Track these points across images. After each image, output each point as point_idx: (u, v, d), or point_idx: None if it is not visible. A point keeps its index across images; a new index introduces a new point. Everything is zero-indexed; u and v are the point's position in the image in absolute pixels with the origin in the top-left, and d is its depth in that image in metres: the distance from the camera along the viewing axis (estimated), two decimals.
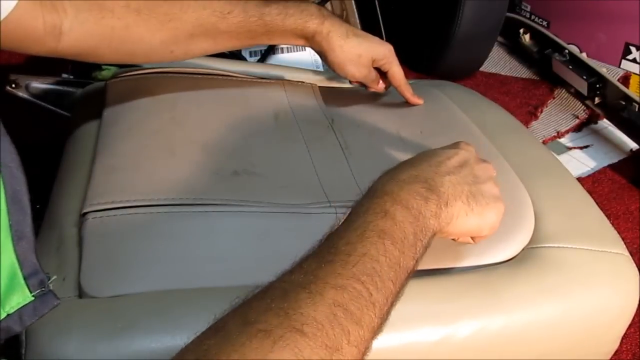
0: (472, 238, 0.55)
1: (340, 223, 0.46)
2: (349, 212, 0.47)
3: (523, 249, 0.59)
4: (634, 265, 0.60)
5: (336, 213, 0.59)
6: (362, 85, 0.84)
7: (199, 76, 0.81)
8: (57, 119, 0.95)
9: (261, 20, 0.70)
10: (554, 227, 0.61)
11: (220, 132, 0.70)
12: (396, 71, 0.81)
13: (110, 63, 0.81)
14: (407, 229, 0.45)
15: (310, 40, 0.75)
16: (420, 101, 0.82)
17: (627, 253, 0.61)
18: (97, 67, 0.96)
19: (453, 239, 0.55)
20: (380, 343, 0.50)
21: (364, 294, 0.39)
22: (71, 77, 1.01)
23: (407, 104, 0.82)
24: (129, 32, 0.64)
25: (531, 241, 0.59)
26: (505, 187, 0.65)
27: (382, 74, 0.81)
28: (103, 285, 0.51)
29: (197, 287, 0.51)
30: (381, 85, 0.83)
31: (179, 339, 0.46)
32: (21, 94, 1.00)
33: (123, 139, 0.68)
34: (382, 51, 0.79)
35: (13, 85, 0.99)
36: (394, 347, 0.50)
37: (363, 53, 0.77)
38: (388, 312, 0.42)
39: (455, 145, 0.57)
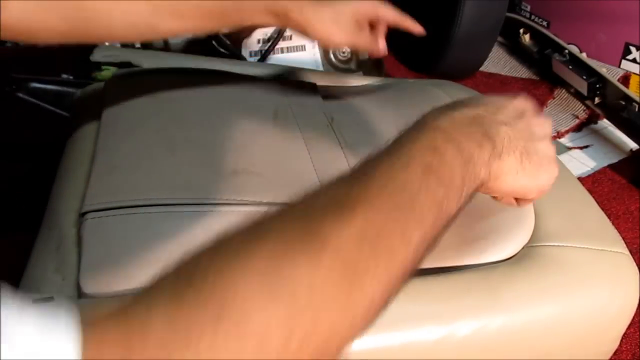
0: (516, 200, 0.51)
1: (379, 151, 0.40)
2: (390, 141, 0.42)
3: (523, 248, 0.59)
4: (634, 264, 0.60)
5: None
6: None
7: (199, 76, 0.81)
8: (57, 119, 0.95)
9: None
10: (554, 226, 0.61)
11: (219, 131, 0.70)
12: (386, 12, 0.76)
13: (62, 42, 0.74)
14: (455, 170, 0.40)
15: (284, 18, 0.70)
16: (420, 28, 0.80)
17: (627, 252, 0.61)
18: (97, 67, 0.96)
19: (494, 197, 0.51)
20: (381, 342, 0.50)
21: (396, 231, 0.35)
22: (71, 77, 1.01)
23: (407, 103, 0.82)
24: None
25: (531, 240, 0.59)
26: None
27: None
28: (102, 284, 0.51)
29: None
30: (382, 45, 0.77)
31: None
32: (21, 94, 1.00)
33: (122, 138, 0.68)
34: (360, 5, 0.74)
35: (13, 86, 0.99)
36: (394, 347, 0.50)
37: (341, 14, 0.71)
38: (423, 257, 0.37)
39: (513, 97, 0.52)
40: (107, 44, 0.98)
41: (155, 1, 0.62)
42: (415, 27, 0.78)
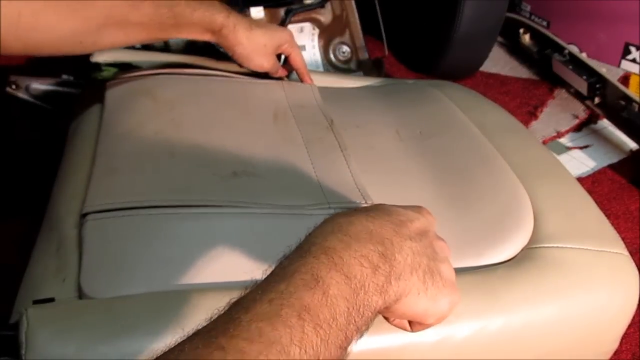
0: (411, 324, 0.47)
1: (257, 285, 0.36)
2: (273, 267, 0.38)
3: (522, 249, 0.59)
4: (634, 265, 0.60)
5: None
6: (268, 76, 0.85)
7: (199, 77, 0.81)
8: (57, 120, 0.95)
9: (171, 12, 0.71)
10: (553, 227, 0.61)
11: (219, 133, 0.70)
12: (297, 54, 0.84)
13: (15, 54, 0.73)
14: (339, 307, 0.35)
15: (217, 35, 0.76)
16: (309, 80, 0.86)
17: (626, 253, 0.61)
18: (98, 68, 0.96)
19: (385, 318, 0.46)
20: (380, 343, 0.50)
21: None
22: (71, 78, 1.01)
23: (407, 103, 0.82)
24: (37, 19, 0.61)
25: (530, 241, 0.59)
26: (505, 187, 0.66)
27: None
28: (103, 286, 0.51)
29: (196, 287, 0.51)
30: (282, 72, 0.86)
31: (179, 340, 0.46)
32: (21, 95, 1.00)
33: (123, 140, 0.68)
34: (284, 37, 0.82)
35: (13, 87, 0.99)
36: (394, 348, 0.50)
37: (268, 42, 0.79)
38: None
39: (417, 210, 0.48)
40: None
41: (96, 18, 0.66)
42: (308, 81, 0.87)
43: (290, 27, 1.14)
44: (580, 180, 1.13)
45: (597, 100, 1.30)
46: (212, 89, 0.79)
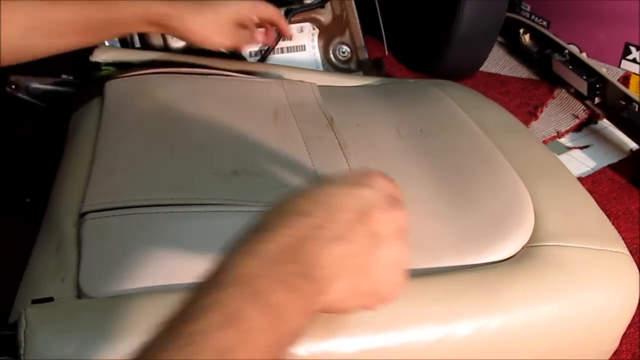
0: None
1: (168, 324, 0.32)
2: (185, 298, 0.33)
3: (522, 248, 0.59)
4: (634, 264, 0.60)
5: None
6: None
7: (198, 76, 0.81)
8: (57, 119, 0.95)
9: (102, 6, 0.66)
10: (553, 226, 0.61)
11: (219, 132, 0.70)
12: (263, 10, 0.77)
13: None
14: (260, 342, 0.32)
15: (162, 26, 0.71)
16: (290, 33, 0.81)
17: (627, 252, 0.61)
18: (97, 67, 0.96)
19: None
20: (380, 343, 0.50)
21: None
22: (70, 78, 1.01)
23: (407, 103, 0.82)
24: None
25: (531, 240, 0.59)
26: (505, 186, 0.66)
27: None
28: (102, 285, 0.51)
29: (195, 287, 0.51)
30: (258, 38, 0.80)
31: None
32: (21, 95, 1.00)
33: (122, 139, 0.68)
34: (238, 8, 0.75)
35: (13, 87, 0.99)
36: (393, 347, 0.50)
37: (220, 19, 0.73)
38: None
39: (362, 182, 0.42)
40: (106, 43, 0.97)
41: (29, 25, 0.62)
42: (287, 31, 0.80)
43: (290, 27, 1.14)
44: (581, 180, 1.13)
45: (597, 100, 1.30)
46: (212, 88, 0.79)
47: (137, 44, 1.08)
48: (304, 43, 1.17)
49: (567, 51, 1.36)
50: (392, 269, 0.42)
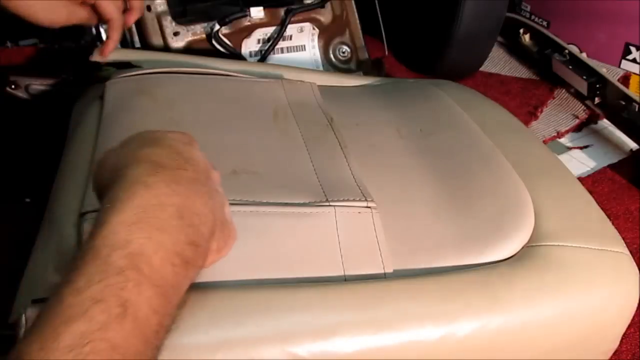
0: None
1: (45, 320, 0.29)
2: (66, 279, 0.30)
3: (523, 248, 0.59)
4: (634, 264, 0.60)
5: (335, 212, 0.59)
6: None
7: (198, 76, 0.81)
8: (57, 119, 0.95)
9: None
10: (554, 226, 0.61)
11: (219, 131, 0.70)
12: (102, 3, 0.69)
13: None
14: (150, 327, 0.31)
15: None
16: (105, 58, 0.74)
17: (627, 252, 0.61)
18: (97, 67, 0.96)
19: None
20: (379, 342, 0.50)
21: None
22: (71, 77, 1.01)
23: (407, 103, 0.82)
24: None
25: (531, 239, 0.59)
26: (505, 185, 0.66)
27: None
28: None
29: (194, 286, 0.51)
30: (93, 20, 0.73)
31: (177, 338, 0.46)
32: (21, 94, 1.00)
33: (122, 139, 0.68)
34: None
35: (13, 86, 0.99)
36: (393, 347, 0.50)
37: None
38: None
39: (189, 142, 0.43)
40: None
41: None
42: (111, 44, 0.74)
43: (290, 27, 1.14)
44: (581, 180, 1.13)
45: (597, 100, 1.30)
46: (212, 87, 0.79)
47: (137, 44, 1.08)
48: (304, 43, 1.17)
49: (567, 51, 1.36)
50: (229, 221, 0.42)
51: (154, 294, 0.31)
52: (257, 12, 1.12)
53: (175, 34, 1.09)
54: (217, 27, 1.09)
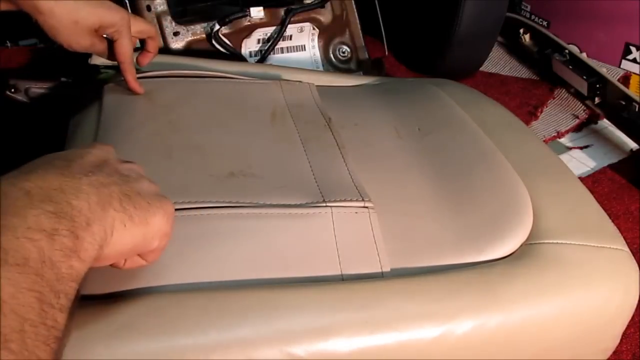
0: (140, 256, 0.44)
1: None
2: None
3: (522, 245, 0.59)
4: (634, 261, 0.60)
5: (331, 212, 0.59)
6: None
7: (196, 79, 0.81)
8: (56, 122, 0.95)
9: None
10: (553, 223, 0.61)
11: (216, 133, 0.70)
12: (124, 44, 0.71)
13: None
14: (25, 308, 0.29)
15: (31, 10, 0.64)
16: (140, 90, 0.74)
17: (627, 249, 0.61)
18: (96, 70, 0.96)
19: (113, 265, 0.43)
20: (377, 342, 0.50)
21: None
22: (69, 80, 1.01)
23: (407, 102, 0.82)
24: None
25: (530, 237, 0.59)
26: (504, 183, 0.65)
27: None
28: (101, 285, 0.51)
29: (193, 287, 0.51)
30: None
31: (176, 339, 0.46)
32: (20, 98, 1.00)
33: (120, 142, 0.68)
34: (112, 18, 0.69)
35: (12, 90, 0.99)
36: (391, 346, 0.50)
37: (81, 20, 0.66)
38: None
39: (88, 145, 0.43)
40: None
41: None
42: (133, 83, 0.75)
43: (290, 27, 1.14)
44: (581, 180, 1.13)
45: (597, 100, 1.30)
46: (210, 90, 0.79)
47: (137, 44, 1.08)
48: (304, 43, 1.17)
49: (567, 51, 1.36)
50: (154, 196, 0.42)
51: (15, 274, 0.30)
52: (257, 12, 1.12)
53: (175, 34, 1.09)
54: (217, 27, 1.09)
